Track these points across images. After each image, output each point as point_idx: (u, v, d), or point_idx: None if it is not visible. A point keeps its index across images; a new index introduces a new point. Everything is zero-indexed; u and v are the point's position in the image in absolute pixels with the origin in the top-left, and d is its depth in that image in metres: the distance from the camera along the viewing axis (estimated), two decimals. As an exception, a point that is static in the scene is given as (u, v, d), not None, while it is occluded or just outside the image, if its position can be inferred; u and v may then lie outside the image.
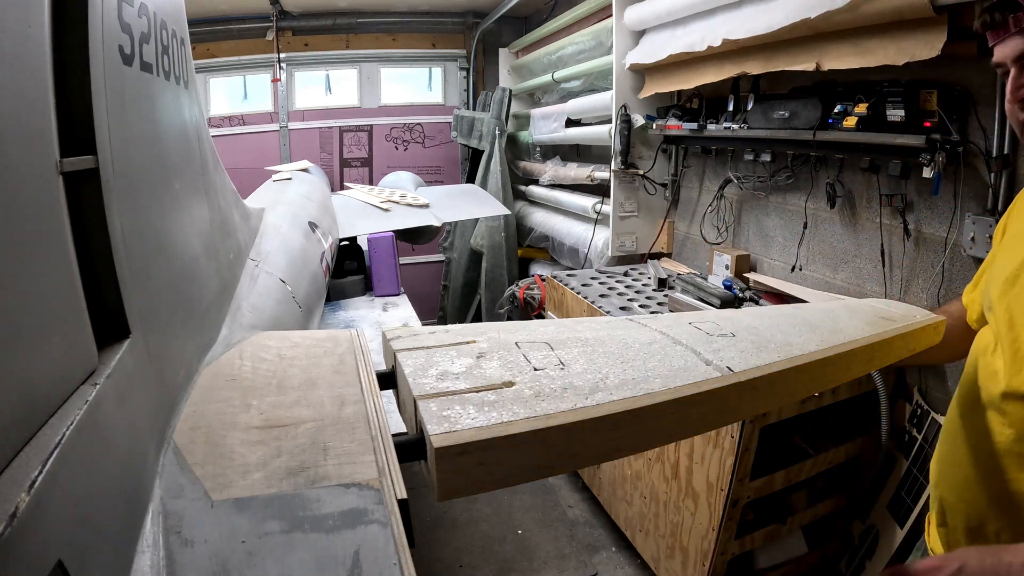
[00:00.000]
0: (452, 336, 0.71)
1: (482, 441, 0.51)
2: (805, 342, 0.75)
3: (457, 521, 2.74)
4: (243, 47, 4.55)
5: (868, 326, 0.85)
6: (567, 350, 0.68)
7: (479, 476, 0.53)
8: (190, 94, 1.05)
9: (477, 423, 0.53)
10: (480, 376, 0.61)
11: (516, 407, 0.56)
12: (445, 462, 0.51)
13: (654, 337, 0.74)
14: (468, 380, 0.60)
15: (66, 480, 0.46)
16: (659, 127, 2.85)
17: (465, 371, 0.62)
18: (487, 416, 0.54)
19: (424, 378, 0.61)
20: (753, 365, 0.67)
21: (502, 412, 0.55)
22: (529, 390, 0.59)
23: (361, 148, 5.00)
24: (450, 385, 0.59)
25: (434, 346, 0.68)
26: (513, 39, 4.81)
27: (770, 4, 2.05)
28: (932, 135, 1.66)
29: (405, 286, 2.95)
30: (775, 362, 0.69)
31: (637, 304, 2.46)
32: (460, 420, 0.53)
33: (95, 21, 0.62)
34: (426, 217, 3.24)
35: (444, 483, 0.51)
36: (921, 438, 1.87)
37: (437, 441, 0.51)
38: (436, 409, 0.55)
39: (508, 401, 0.57)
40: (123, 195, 0.67)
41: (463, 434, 0.52)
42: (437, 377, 0.61)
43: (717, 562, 1.88)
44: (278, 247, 1.70)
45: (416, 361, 0.64)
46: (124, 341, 0.64)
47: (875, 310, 0.97)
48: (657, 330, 0.77)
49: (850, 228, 2.14)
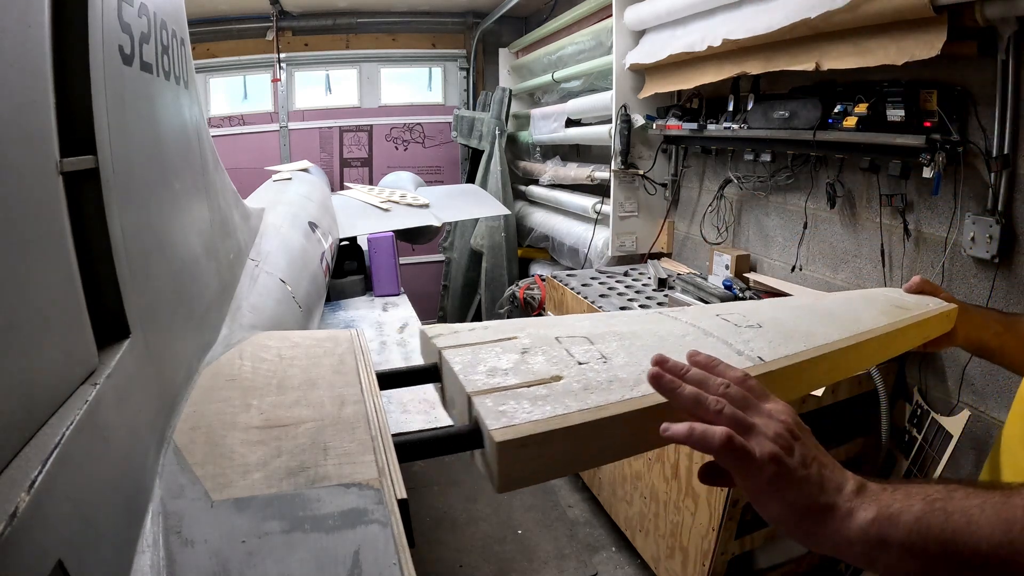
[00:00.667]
0: (492, 333, 0.72)
1: (540, 434, 0.53)
2: (827, 332, 0.78)
3: (457, 521, 2.74)
4: (243, 47, 4.55)
5: (884, 315, 0.88)
6: (606, 344, 0.70)
7: (537, 467, 0.55)
8: (190, 94, 1.05)
9: (534, 417, 0.55)
10: (528, 371, 0.63)
11: (568, 400, 0.58)
12: (507, 455, 0.52)
13: (686, 329, 0.77)
14: (517, 375, 0.62)
15: (66, 480, 0.46)
16: (659, 127, 2.85)
17: (513, 367, 0.64)
18: (542, 410, 0.56)
19: (475, 374, 0.62)
20: (781, 355, 0.70)
21: (556, 406, 0.57)
22: (577, 384, 0.61)
23: (361, 148, 5.00)
24: (501, 381, 0.61)
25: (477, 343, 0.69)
26: (513, 39, 4.81)
27: (770, 4, 2.05)
28: (932, 135, 1.66)
29: (405, 286, 2.94)
30: (801, 352, 0.71)
31: (637, 304, 2.46)
32: (517, 415, 0.55)
33: (95, 21, 0.62)
34: (426, 217, 3.24)
35: (504, 475, 0.53)
36: (921, 438, 1.87)
37: (498, 436, 0.52)
38: (492, 404, 0.57)
39: (559, 395, 0.59)
40: (123, 195, 0.67)
41: (522, 428, 0.53)
42: (487, 373, 0.62)
43: (717, 562, 1.88)
44: (278, 247, 1.70)
45: (463, 358, 0.65)
46: (124, 341, 0.64)
47: (889, 299, 0.99)
48: (687, 322, 0.79)
49: (850, 228, 2.14)
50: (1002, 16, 1.47)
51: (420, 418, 1.65)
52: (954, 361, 1.82)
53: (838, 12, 1.74)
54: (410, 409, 1.70)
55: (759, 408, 0.56)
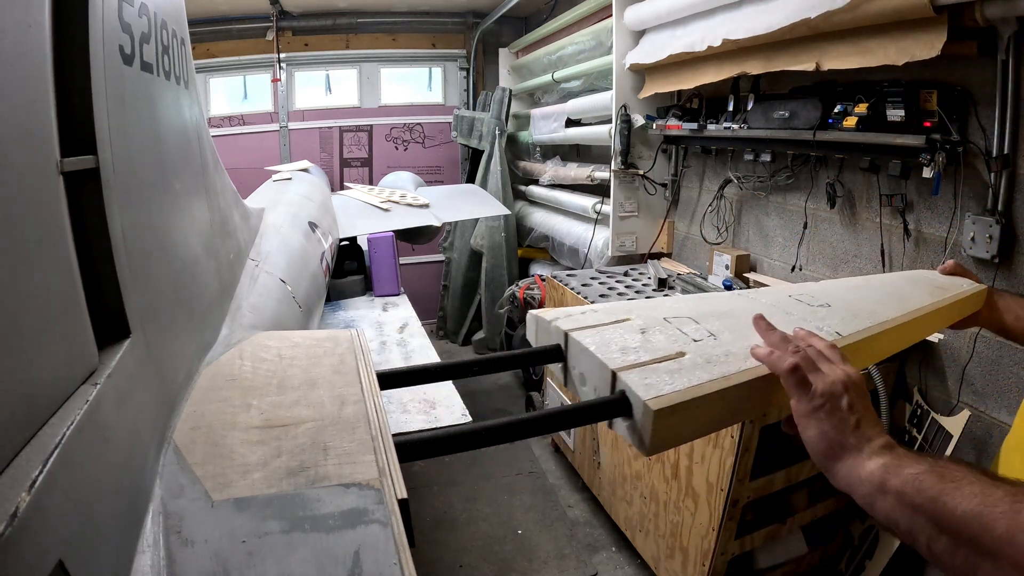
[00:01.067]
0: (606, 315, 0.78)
1: (684, 402, 0.61)
2: (886, 310, 0.88)
3: (457, 521, 2.74)
4: (243, 47, 4.55)
5: (928, 295, 0.99)
6: (710, 323, 0.78)
7: (679, 431, 0.63)
8: (190, 94, 1.05)
9: (676, 387, 0.62)
10: (655, 349, 0.70)
11: (698, 372, 0.65)
12: (660, 422, 0.60)
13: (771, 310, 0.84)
14: (648, 353, 0.69)
15: (66, 480, 0.46)
16: (659, 127, 2.85)
17: (639, 345, 0.71)
18: (680, 381, 0.63)
19: (611, 352, 0.68)
20: (853, 330, 0.80)
21: (690, 377, 0.64)
22: (700, 358, 0.69)
23: (361, 148, 5.00)
24: (636, 358, 0.67)
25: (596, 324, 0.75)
26: (513, 39, 4.81)
27: (770, 4, 2.05)
28: (932, 135, 1.66)
29: (405, 286, 2.95)
30: (868, 328, 0.82)
31: (637, 304, 2.46)
32: (662, 386, 0.62)
33: (95, 21, 0.62)
34: (426, 217, 3.24)
35: (655, 439, 0.61)
36: (921, 438, 1.87)
37: (654, 405, 0.59)
38: (638, 379, 0.63)
39: (688, 368, 0.66)
40: (123, 195, 0.67)
41: (669, 397, 0.61)
42: (621, 351, 0.68)
43: (717, 562, 1.88)
44: (278, 247, 1.70)
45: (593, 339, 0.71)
46: (124, 341, 0.64)
47: (928, 280, 1.10)
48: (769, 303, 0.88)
49: (850, 228, 2.14)
50: (1002, 16, 1.47)
51: (420, 418, 1.66)
52: (954, 361, 1.82)
53: (838, 12, 1.74)
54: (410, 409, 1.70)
55: (833, 363, 0.65)
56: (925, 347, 1.88)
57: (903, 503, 0.54)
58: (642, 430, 0.61)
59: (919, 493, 0.53)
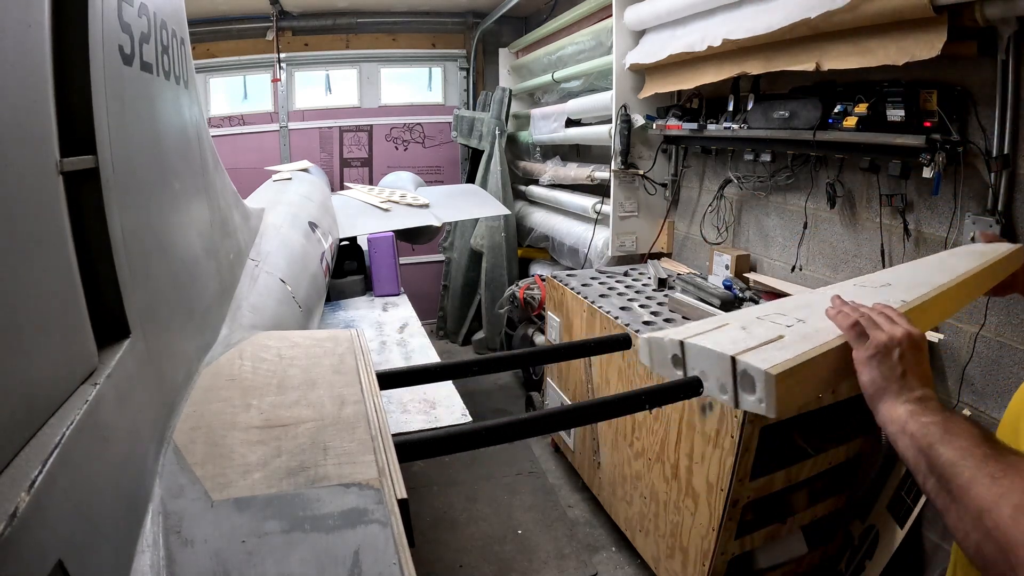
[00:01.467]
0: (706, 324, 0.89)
1: (795, 367, 0.71)
2: (941, 278, 1.04)
3: (457, 521, 2.74)
4: (243, 47, 4.55)
5: (972, 260, 1.14)
6: (796, 313, 0.89)
7: (797, 392, 0.73)
8: (190, 94, 1.05)
9: (786, 356, 0.72)
10: (758, 336, 0.80)
11: (799, 345, 0.76)
12: (781, 385, 0.70)
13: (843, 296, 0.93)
14: (755, 340, 0.79)
15: (66, 480, 0.46)
16: (659, 127, 2.85)
17: (745, 336, 0.81)
18: (788, 353, 0.74)
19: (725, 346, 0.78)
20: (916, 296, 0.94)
21: (795, 349, 0.75)
22: (797, 336, 0.80)
23: (361, 148, 5.00)
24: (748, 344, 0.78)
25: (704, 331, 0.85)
26: (513, 39, 4.81)
27: (770, 4, 2.05)
28: (932, 135, 1.66)
29: (405, 286, 2.95)
30: (927, 292, 0.96)
31: (637, 304, 2.46)
32: (776, 359, 0.72)
33: (95, 21, 0.62)
34: (426, 217, 3.24)
35: (780, 401, 0.70)
36: (921, 438, 1.87)
37: (773, 371, 0.69)
38: (755, 357, 0.73)
39: (791, 344, 0.77)
40: (123, 195, 0.67)
41: (783, 364, 0.71)
42: (731, 343, 0.78)
43: (717, 562, 1.87)
44: (278, 247, 1.70)
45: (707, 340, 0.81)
46: (124, 341, 0.64)
47: (970, 250, 1.26)
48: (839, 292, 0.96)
49: (850, 228, 2.14)
50: (1002, 16, 1.47)
51: (420, 418, 1.66)
52: (954, 361, 1.82)
53: (838, 12, 1.74)
54: (410, 409, 1.70)
55: (895, 323, 0.75)
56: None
57: (914, 444, 0.63)
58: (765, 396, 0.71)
59: (924, 438, 0.62)
